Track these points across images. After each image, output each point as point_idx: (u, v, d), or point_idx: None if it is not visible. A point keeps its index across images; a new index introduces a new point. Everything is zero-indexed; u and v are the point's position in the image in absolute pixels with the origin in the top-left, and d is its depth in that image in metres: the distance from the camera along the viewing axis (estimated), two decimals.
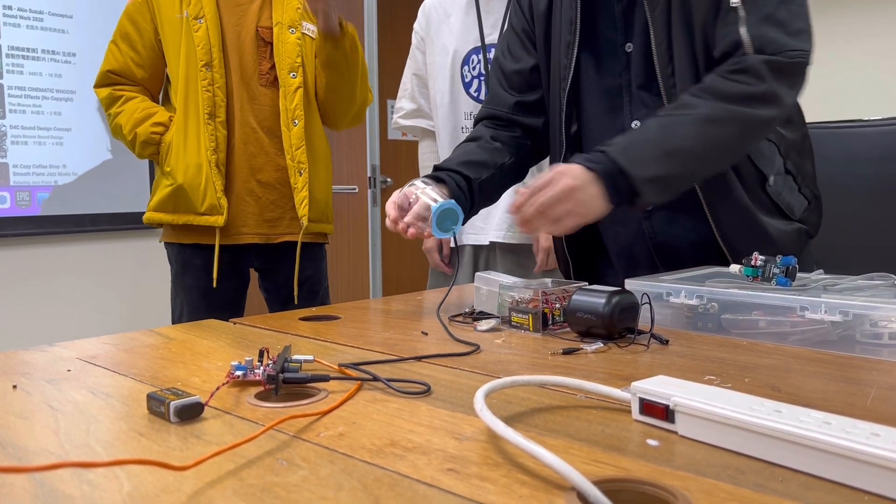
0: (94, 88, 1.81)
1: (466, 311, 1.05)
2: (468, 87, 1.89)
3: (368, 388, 0.67)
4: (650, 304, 0.86)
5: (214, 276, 1.73)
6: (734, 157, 1.08)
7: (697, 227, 1.14)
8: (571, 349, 0.82)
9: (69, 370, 0.75)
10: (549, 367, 0.75)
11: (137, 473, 0.47)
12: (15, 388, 0.69)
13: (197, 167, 1.69)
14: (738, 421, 0.50)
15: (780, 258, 0.93)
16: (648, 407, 0.56)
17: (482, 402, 0.55)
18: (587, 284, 0.93)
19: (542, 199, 0.98)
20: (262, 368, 0.66)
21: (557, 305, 0.93)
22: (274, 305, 1.88)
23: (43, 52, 2.92)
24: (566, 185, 0.97)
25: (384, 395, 0.65)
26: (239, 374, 0.67)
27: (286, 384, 0.65)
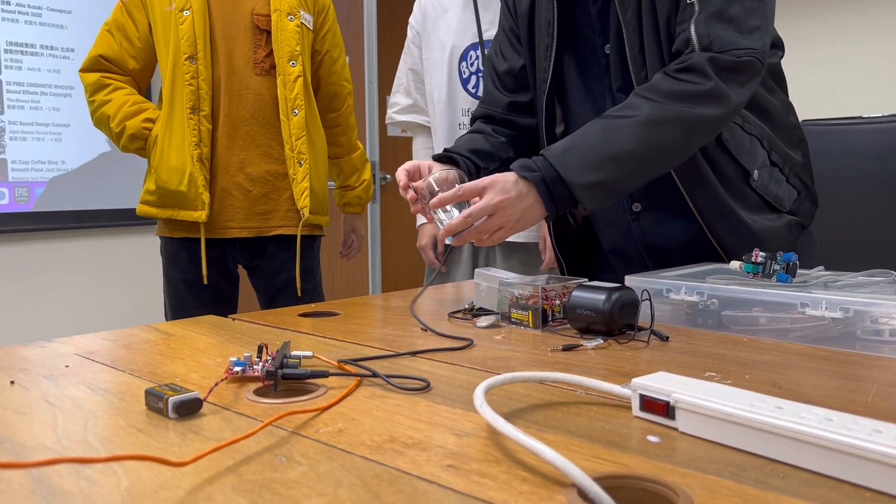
0: (79, 72, 1.76)
1: (466, 307, 1.05)
2: (465, 83, 1.87)
3: (368, 384, 0.67)
4: (650, 300, 0.86)
5: (204, 271, 1.71)
6: (681, 157, 1.04)
7: (687, 226, 1.13)
8: (571, 345, 0.82)
9: (67, 366, 0.75)
10: (548, 363, 0.75)
11: (135, 469, 0.46)
12: (13, 383, 0.68)
13: (180, 162, 1.67)
14: (738, 417, 0.49)
15: (780, 255, 0.92)
16: (649, 403, 0.56)
17: (482, 398, 0.54)
18: (587, 281, 0.93)
19: (470, 219, 0.97)
20: (260, 364, 0.66)
21: (557, 302, 0.92)
22: (265, 301, 1.85)
23: (41, 47, 2.91)
24: (495, 201, 0.97)
25: (383, 391, 0.65)
26: (238, 369, 0.67)
27: (285, 380, 0.65)
